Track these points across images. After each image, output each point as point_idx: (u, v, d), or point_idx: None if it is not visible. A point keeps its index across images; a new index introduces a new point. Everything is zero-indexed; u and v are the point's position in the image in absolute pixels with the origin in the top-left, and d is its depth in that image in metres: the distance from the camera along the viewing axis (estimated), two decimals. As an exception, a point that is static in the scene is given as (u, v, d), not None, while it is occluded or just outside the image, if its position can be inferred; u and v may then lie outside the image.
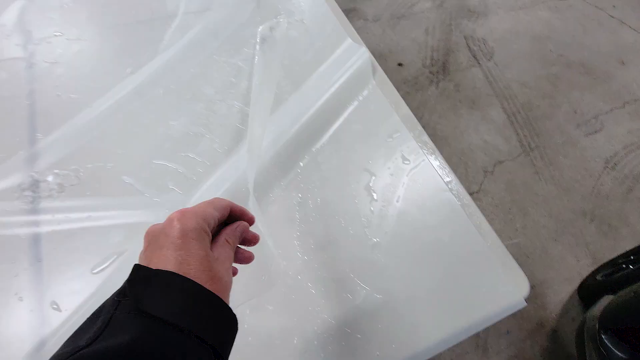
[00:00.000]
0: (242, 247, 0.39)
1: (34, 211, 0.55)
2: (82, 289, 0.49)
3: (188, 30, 0.77)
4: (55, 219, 0.54)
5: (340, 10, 0.84)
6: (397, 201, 0.59)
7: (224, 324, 0.29)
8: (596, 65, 2.16)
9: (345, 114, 0.67)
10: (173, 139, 0.63)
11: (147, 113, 0.65)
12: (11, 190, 0.56)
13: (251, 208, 0.51)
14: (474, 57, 2.15)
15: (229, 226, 0.36)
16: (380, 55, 2.10)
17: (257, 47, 0.76)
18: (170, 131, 0.64)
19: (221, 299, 0.29)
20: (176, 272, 0.27)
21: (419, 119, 1.84)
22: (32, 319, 0.47)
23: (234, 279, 0.35)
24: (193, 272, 0.28)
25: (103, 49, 0.73)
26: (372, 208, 0.59)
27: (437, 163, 0.64)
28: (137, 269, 0.28)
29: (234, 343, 0.30)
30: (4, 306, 0.48)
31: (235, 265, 0.37)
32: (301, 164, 0.62)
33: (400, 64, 2.08)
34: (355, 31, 0.80)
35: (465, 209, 0.59)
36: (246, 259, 0.39)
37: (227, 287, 0.32)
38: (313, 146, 0.63)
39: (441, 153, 0.66)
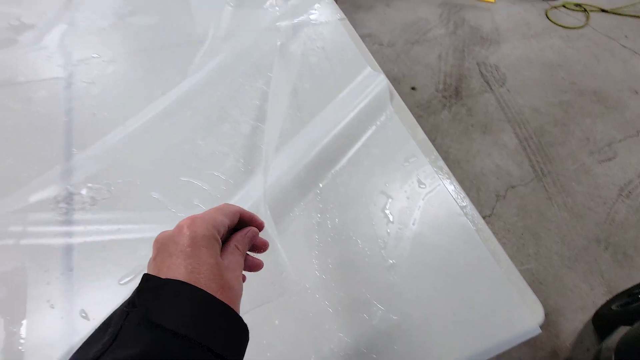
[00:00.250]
0: (251, 254, 0.38)
1: (68, 222, 0.57)
2: (109, 299, 0.51)
3: (216, 55, 0.81)
4: (87, 231, 0.57)
5: (359, 38, 0.88)
6: (413, 224, 0.61)
7: (235, 334, 0.28)
8: (609, 93, 2.16)
9: (364, 138, 0.69)
10: (200, 157, 0.66)
11: (176, 132, 0.68)
12: (47, 201, 0.59)
13: (263, 215, 0.53)
14: (487, 82, 2.18)
15: (238, 232, 0.35)
16: (394, 79, 2.14)
17: (274, 70, 0.79)
18: (197, 150, 0.67)
19: (232, 309, 0.28)
20: (186, 281, 0.27)
21: (432, 141, 1.84)
22: (62, 326, 0.49)
23: (243, 285, 0.34)
24: (203, 280, 0.27)
25: (136, 71, 0.78)
26: (388, 230, 0.60)
27: (452, 188, 0.66)
28: (147, 278, 0.27)
29: (248, 354, 0.30)
30: (36, 312, 0.50)
31: (244, 272, 0.36)
32: (321, 185, 0.64)
33: (413, 88, 2.11)
34: (373, 58, 0.83)
35: (480, 233, 0.60)
36: (255, 266, 0.38)
37: (238, 295, 0.31)
38: (332, 168, 0.65)
39: (454, 176, 0.68)
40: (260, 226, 0.38)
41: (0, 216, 0.57)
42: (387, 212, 0.62)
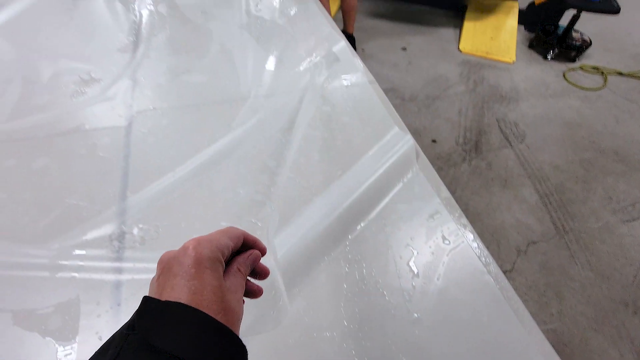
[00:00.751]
0: (252, 279, 0.38)
1: (119, 259, 0.62)
2: (151, 335, 0.55)
3: (257, 111, 0.89)
4: (136, 268, 0.61)
5: (388, 100, 0.94)
6: (438, 279, 0.63)
7: (235, 357, 0.27)
8: (630, 154, 2.16)
9: (391, 194, 0.73)
10: (239, 204, 0.71)
11: (219, 180, 0.74)
12: (102, 239, 0.64)
13: (286, 258, 0.56)
14: (506, 138, 2.22)
15: (241, 255, 0.35)
16: (415, 132, 2.21)
17: (309, 126, 0.86)
18: (238, 197, 0.72)
19: (233, 332, 0.28)
20: (188, 302, 0.27)
21: (452, 193, 1.87)
22: (107, 359, 0.52)
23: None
24: (206, 302, 0.27)
25: (187, 123, 0.86)
26: (413, 284, 0.62)
27: (476, 245, 0.68)
28: (147, 301, 0.27)
29: None
30: (85, 344, 0.54)
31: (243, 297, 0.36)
32: (350, 237, 0.67)
33: (434, 141, 2.17)
34: (400, 119, 0.90)
35: (503, 292, 0.62)
36: (255, 292, 0.38)
37: (239, 318, 0.31)
38: (361, 221, 0.69)
39: (474, 229, 0.70)
40: (262, 251, 0.38)
41: (61, 250, 0.62)
42: (413, 265, 0.64)
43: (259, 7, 1.30)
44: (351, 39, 2.67)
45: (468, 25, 3.08)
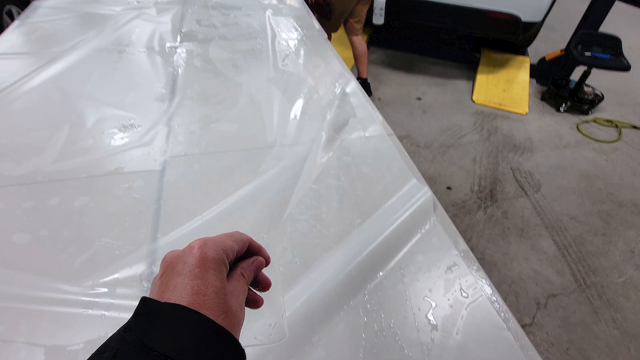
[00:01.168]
0: (253, 290, 0.38)
1: (146, 299, 0.64)
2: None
3: (282, 159, 0.94)
4: (162, 309, 0.63)
5: (406, 153, 0.98)
6: (457, 334, 0.62)
7: None
8: (650, 207, 2.12)
9: (409, 245, 0.74)
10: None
11: (244, 225, 0.77)
12: (132, 278, 0.67)
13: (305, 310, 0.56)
14: (521, 187, 2.21)
15: (245, 260, 0.35)
16: (430, 178, 2.23)
17: (331, 175, 0.90)
18: (261, 242, 0.74)
19: (232, 335, 0.27)
20: (190, 302, 0.26)
21: (468, 241, 1.85)
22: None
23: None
24: (208, 304, 0.27)
25: (216, 169, 0.91)
26: (432, 337, 0.62)
27: (494, 299, 0.67)
28: (145, 301, 0.27)
29: None
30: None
31: None
32: (369, 286, 0.68)
33: (449, 188, 2.18)
34: (418, 170, 0.93)
35: (524, 351, 0.60)
36: (256, 302, 0.37)
37: (240, 322, 0.30)
38: (380, 270, 0.70)
39: (490, 278, 0.70)
40: (267, 259, 0.38)
41: (93, 287, 0.65)
42: (431, 318, 0.64)
43: (285, 61, 1.40)
44: (366, 84, 2.79)
45: (481, 78, 3.18)
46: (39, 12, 1.65)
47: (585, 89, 2.97)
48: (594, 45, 2.82)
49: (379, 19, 2.67)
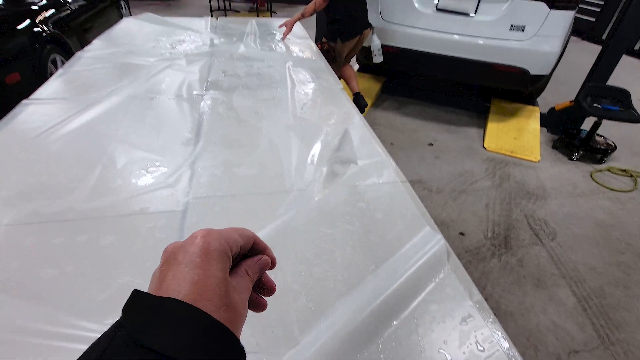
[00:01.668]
0: (257, 294, 0.36)
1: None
2: None
3: (298, 204, 0.96)
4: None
5: (419, 199, 1.00)
6: (473, 390, 0.60)
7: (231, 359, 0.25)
8: (672, 260, 2.03)
9: (423, 294, 0.74)
10: (277, 292, 0.74)
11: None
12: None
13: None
14: (536, 235, 2.17)
15: (250, 258, 0.34)
16: (442, 223, 2.22)
17: (345, 221, 0.92)
18: (277, 285, 0.75)
19: (230, 332, 0.25)
20: (189, 292, 0.25)
21: (482, 289, 1.80)
22: None
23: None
24: (207, 294, 0.26)
25: (237, 210, 0.94)
26: (448, 393, 0.60)
27: (512, 353, 0.65)
28: (136, 295, 0.25)
29: None
30: None
31: None
32: (383, 335, 0.67)
33: (462, 234, 2.16)
34: (431, 218, 0.94)
35: (545, 412, 0.58)
36: (260, 305, 0.36)
37: (241, 318, 0.28)
38: (395, 319, 0.69)
39: (506, 330, 0.68)
40: (272, 260, 0.36)
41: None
42: (446, 372, 0.62)
43: (303, 109, 1.48)
44: (358, 96, 2.99)
45: (491, 126, 3.24)
46: (81, 61, 1.80)
47: (597, 138, 2.98)
48: (603, 97, 2.87)
49: (378, 58, 3.00)
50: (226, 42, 2.24)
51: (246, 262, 0.33)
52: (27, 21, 2.42)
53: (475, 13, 2.83)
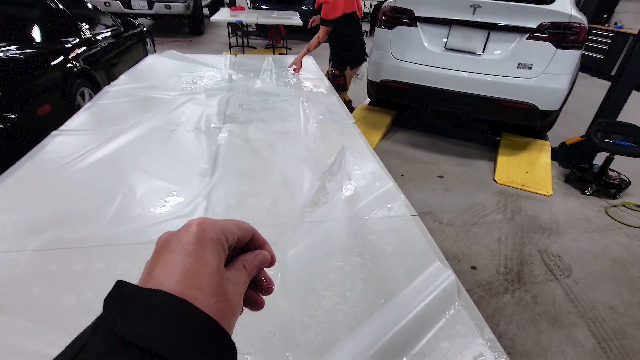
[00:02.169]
0: (254, 292, 0.34)
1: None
2: None
3: (309, 235, 0.98)
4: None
5: (429, 233, 1.00)
6: None
7: (220, 356, 0.23)
8: (696, 301, 1.94)
9: (433, 330, 0.73)
10: (285, 325, 0.74)
11: (268, 299, 0.79)
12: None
13: None
14: (551, 271, 2.11)
15: (247, 253, 0.32)
16: (453, 257, 2.18)
17: (355, 254, 0.92)
18: (286, 316, 0.75)
19: (219, 325, 0.24)
20: (180, 280, 0.24)
21: (495, 326, 1.74)
22: None
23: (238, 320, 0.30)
24: (199, 283, 0.24)
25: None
26: None
27: (525, 398, 0.63)
28: (119, 286, 0.23)
29: None
30: None
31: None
32: (392, 372, 0.66)
33: (473, 267, 2.11)
34: (441, 253, 0.93)
35: None
36: (257, 303, 0.34)
37: (235, 311, 0.27)
38: (403, 357, 0.68)
39: None
40: (272, 256, 0.35)
41: None
42: (458, 414, 0.61)
43: (316, 142, 1.52)
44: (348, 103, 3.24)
45: (502, 159, 3.24)
46: (108, 95, 1.91)
47: (610, 173, 2.95)
48: (614, 132, 2.86)
49: (359, 81, 3.20)
50: (244, 77, 2.35)
51: (244, 256, 0.32)
52: (61, 57, 2.59)
53: (483, 52, 2.92)
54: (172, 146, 1.42)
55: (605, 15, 7.15)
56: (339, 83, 2.94)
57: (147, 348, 0.20)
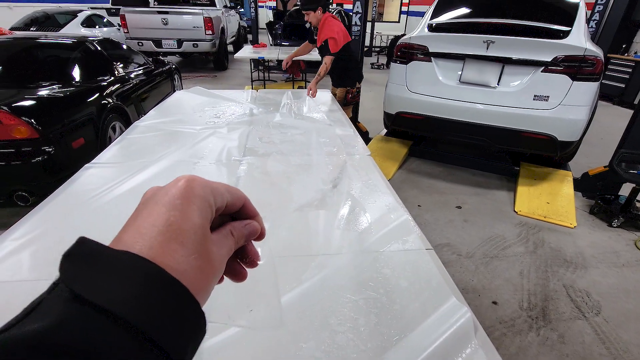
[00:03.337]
0: (239, 262, 0.33)
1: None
2: None
3: (323, 268, 0.98)
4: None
5: (444, 268, 0.99)
6: None
7: (188, 324, 0.22)
8: None
9: (450, 371, 0.71)
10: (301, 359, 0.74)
11: (284, 334, 0.79)
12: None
13: None
14: (578, 308, 2.00)
15: (237, 221, 0.31)
16: (473, 290, 2.11)
17: (369, 287, 0.92)
18: (300, 352, 0.75)
19: (188, 292, 0.22)
20: (160, 232, 0.23)
21: (520, 367, 1.64)
22: None
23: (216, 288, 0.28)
24: (181, 237, 0.23)
25: (263, 274, 0.97)
26: None
27: None
28: (81, 242, 0.22)
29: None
30: None
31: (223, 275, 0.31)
32: (406, 414, 0.64)
33: (494, 302, 2.03)
34: (457, 288, 0.92)
35: None
36: (239, 273, 0.32)
37: (215, 272, 0.26)
38: (418, 397, 0.67)
39: None
40: (262, 230, 0.33)
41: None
42: None
43: (332, 174, 1.55)
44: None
45: (522, 190, 3.17)
46: (137, 130, 2.02)
47: (638, 204, 2.83)
48: (639, 163, 2.77)
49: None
50: (264, 111, 2.44)
51: (233, 223, 0.30)
52: (96, 94, 2.77)
53: (497, 85, 2.94)
54: (194, 178, 1.47)
55: (624, 45, 7.11)
56: (355, 98, 3.35)
57: (104, 306, 0.19)
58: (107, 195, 1.32)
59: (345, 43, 3.02)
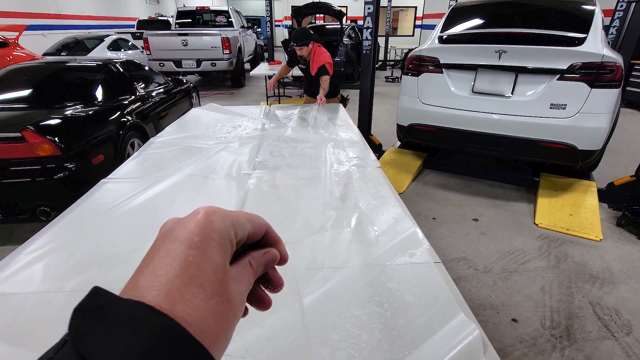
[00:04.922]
0: (262, 288, 0.31)
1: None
2: None
3: (327, 281, 0.96)
4: None
5: (453, 283, 0.95)
6: None
7: None
8: None
9: (456, 391, 0.67)
10: (299, 378, 0.71)
11: (288, 346, 0.77)
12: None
13: None
14: (606, 327, 1.88)
15: (256, 249, 0.29)
16: (491, 307, 2.02)
17: (374, 303, 0.89)
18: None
19: (202, 347, 0.20)
20: (179, 274, 0.21)
21: (544, 389, 1.54)
22: None
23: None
24: (200, 279, 0.22)
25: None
26: None
27: None
28: (94, 294, 0.21)
29: None
30: None
31: (246, 304, 0.29)
32: None
33: (514, 320, 1.94)
34: (466, 304, 0.88)
35: None
36: (263, 301, 0.31)
37: (236, 314, 0.24)
38: (421, 420, 0.63)
39: None
40: (284, 256, 0.31)
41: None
42: None
43: (340, 187, 1.53)
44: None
45: (542, 201, 3.05)
46: (153, 145, 2.07)
47: (668, 216, 2.67)
48: (667, 172, 2.63)
49: None
50: (276, 126, 2.47)
51: (252, 253, 0.29)
52: (117, 113, 2.88)
53: (512, 94, 2.88)
54: (204, 192, 1.49)
55: (648, 52, 6.87)
56: (344, 101, 3.89)
57: None
58: (120, 210, 1.35)
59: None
